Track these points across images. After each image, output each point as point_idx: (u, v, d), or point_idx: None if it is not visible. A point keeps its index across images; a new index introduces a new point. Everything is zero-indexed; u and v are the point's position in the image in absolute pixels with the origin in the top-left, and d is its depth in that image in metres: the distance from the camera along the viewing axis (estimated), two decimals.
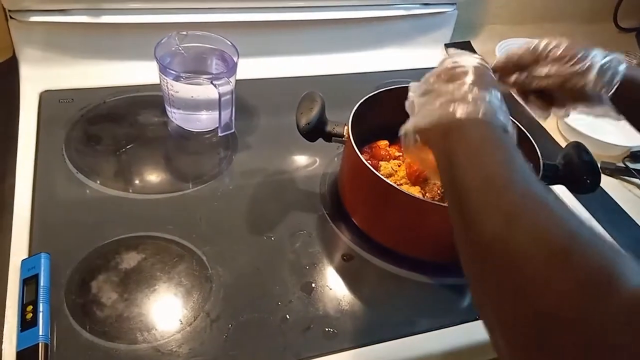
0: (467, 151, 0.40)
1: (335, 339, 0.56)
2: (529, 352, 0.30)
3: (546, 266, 0.30)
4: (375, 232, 0.65)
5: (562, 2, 1.21)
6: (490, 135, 0.41)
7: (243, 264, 0.62)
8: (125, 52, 0.85)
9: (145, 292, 0.57)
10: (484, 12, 1.17)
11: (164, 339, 0.53)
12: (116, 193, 0.67)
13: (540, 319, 0.29)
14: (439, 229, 0.62)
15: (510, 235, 0.33)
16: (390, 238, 0.65)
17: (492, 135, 0.41)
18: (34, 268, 0.55)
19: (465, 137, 0.41)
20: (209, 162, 0.74)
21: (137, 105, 0.80)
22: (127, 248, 0.61)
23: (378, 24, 0.97)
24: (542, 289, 0.30)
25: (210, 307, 0.57)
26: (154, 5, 0.83)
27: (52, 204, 0.65)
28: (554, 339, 0.29)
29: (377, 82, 0.84)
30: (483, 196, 0.36)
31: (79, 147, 0.72)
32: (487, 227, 0.34)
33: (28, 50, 0.81)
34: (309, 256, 0.64)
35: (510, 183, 0.36)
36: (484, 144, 0.40)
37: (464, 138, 0.41)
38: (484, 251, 0.34)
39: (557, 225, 0.32)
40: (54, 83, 0.80)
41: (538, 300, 0.30)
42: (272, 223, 0.67)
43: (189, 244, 0.62)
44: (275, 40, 0.92)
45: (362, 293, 0.61)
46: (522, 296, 0.31)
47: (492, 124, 0.42)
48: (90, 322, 0.54)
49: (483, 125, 0.42)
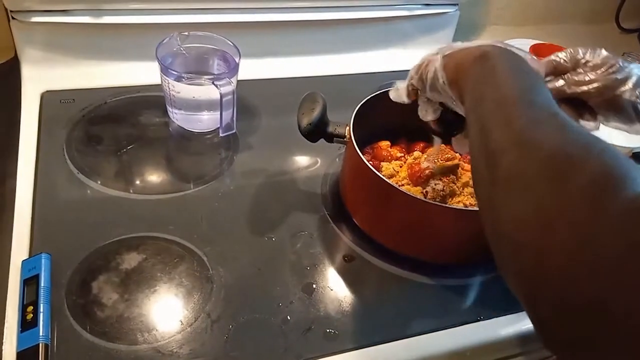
0: (501, 70, 0.42)
1: (336, 340, 0.56)
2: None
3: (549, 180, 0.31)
4: (376, 232, 0.65)
5: (564, 3, 1.21)
6: (517, 60, 0.44)
7: (244, 265, 0.61)
8: (127, 52, 0.85)
9: (145, 292, 0.57)
10: (486, 12, 1.16)
11: (164, 339, 0.53)
12: (117, 193, 0.67)
13: (546, 221, 0.30)
14: (441, 230, 0.62)
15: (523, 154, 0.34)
16: (391, 239, 0.64)
17: (518, 61, 0.44)
18: (35, 268, 0.55)
19: (494, 62, 0.43)
20: (210, 163, 0.74)
21: (138, 105, 0.80)
22: (127, 248, 0.60)
23: (380, 24, 0.97)
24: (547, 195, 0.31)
25: (211, 308, 0.57)
26: (155, 6, 0.83)
27: (53, 204, 0.65)
28: (557, 238, 0.29)
29: (379, 83, 0.83)
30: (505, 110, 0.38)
31: (80, 147, 0.72)
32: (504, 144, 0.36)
33: (30, 50, 0.81)
34: (310, 257, 0.63)
35: (529, 104, 0.38)
36: (512, 67, 0.42)
37: (493, 63, 0.43)
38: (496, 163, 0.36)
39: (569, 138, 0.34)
40: (56, 83, 0.80)
41: (544, 201, 0.31)
42: (273, 224, 0.67)
43: (189, 245, 0.62)
44: (277, 41, 0.92)
45: (363, 294, 0.61)
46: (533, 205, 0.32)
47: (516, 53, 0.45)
48: (90, 323, 0.53)
49: (509, 52, 0.45)
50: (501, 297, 0.63)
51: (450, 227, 0.61)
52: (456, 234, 0.62)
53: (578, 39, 1.14)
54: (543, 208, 0.31)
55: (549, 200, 0.31)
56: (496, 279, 0.65)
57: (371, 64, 0.98)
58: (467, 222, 0.59)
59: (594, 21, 1.24)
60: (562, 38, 1.09)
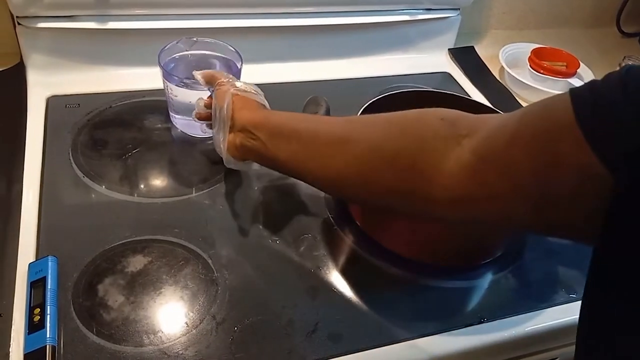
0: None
1: (341, 342, 0.56)
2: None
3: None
4: (379, 235, 0.66)
5: (565, 7, 1.21)
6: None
7: (248, 267, 0.62)
8: (131, 57, 0.85)
9: (151, 295, 0.57)
10: (487, 17, 1.17)
11: (170, 341, 0.54)
12: (122, 197, 0.67)
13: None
14: (444, 232, 0.62)
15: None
16: (394, 241, 0.65)
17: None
18: (42, 271, 0.56)
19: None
20: (213, 166, 0.75)
21: (143, 110, 0.80)
22: (133, 251, 0.61)
23: (382, 29, 0.98)
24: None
25: (216, 310, 0.57)
26: (159, 12, 0.84)
27: (59, 207, 0.65)
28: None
29: (381, 87, 0.84)
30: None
31: (85, 151, 0.72)
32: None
33: (35, 55, 0.82)
34: (314, 259, 0.64)
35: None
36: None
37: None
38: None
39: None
40: (61, 88, 0.81)
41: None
42: (277, 226, 0.67)
43: (194, 247, 0.62)
44: (280, 46, 0.93)
45: (367, 296, 0.61)
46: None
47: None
48: (97, 325, 0.54)
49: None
50: (504, 299, 0.63)
51: (453, 229, 0.62)
52: (460, 236, 0.63)
53: (579, 43, 1.14)
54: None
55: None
56: (499, 281, 0.65)
57: (373, 69, 0.98)
58: (470, 225, 0.60)
59: (594, 25, 1.24)
60: (563, 42, 1.10)
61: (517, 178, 0.38)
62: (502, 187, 0.39)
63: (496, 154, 0.40)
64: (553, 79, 0.98)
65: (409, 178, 0.46)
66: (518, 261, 0.68)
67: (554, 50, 1.04)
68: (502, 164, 0.39)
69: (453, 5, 1.00)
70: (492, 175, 0.40)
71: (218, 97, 0.62)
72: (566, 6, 1.21)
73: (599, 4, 1.23)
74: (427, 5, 0.98)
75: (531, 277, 0.67)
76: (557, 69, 0.99)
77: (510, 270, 0.67)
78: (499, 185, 0.39)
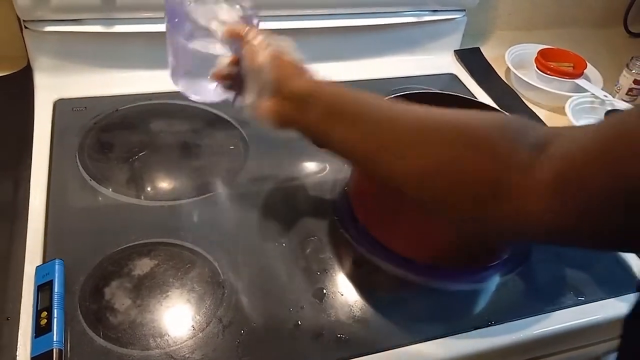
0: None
1: (347, 346, 0.56)
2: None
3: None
4: (386, 238, 0.65)
5: (571, 7, 1.21)
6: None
7: (255, 270, 0.62)
8: (138, 60, 0.85)
9: (158, 298, 0.57)
10: (493, 18, 1.17)
11: (176, 345, 0.54)
12: (129, 200, 0.68)
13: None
14: (450, 235, 0.62)
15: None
16: (401, 244, 0.65)
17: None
18: (48, 274, 0.56)
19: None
20: (220, 169, 0.75)
21: (149, 113, 0.81)
22: (139, 254, 0.61)
23: (388, 31, 0.98)
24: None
25: (223, 313, 0.57)
26: None
27: (65, 210, 0.65)
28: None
29: (387, 89, 0.84)
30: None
31: (92, 154, 0.73)
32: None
33: (42, 59, 0.82)
34: (320, 262, 0.64)
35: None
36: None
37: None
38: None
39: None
40: (68, 91, 0.81)
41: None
42: (283, 229, 0.67)
43: (201, 251, 0.62)
44: None
45: (374, 299, 0.61)
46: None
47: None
48: (103, 328, 0.54)
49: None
50: (512, 302, 0.63)
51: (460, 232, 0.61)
52: (467, 239, 0.62)
53: (586, 43, 1.14)
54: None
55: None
56: (507, 283, 0.65)
57: (380, 70, 0.98)
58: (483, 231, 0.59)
59: (602, 25, 1.23)
60: (570, 42, 1.09)
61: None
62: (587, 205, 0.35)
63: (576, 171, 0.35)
64: (560, 80, 0.98)
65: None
66: (525, 263, 0.67)
67: (560, 51, 1.04)
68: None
69: (459, 6, 1.00)
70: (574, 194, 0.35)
71: (251, 55, 0.52)
72: (573, 7, 1.21)
73: (606, 4, 1.23)
74: (433, 7, 0.98)
75: (539, 280, 0.67)
76: (563, 70, 0.99)
77: (518, 273, 0.66)
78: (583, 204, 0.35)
